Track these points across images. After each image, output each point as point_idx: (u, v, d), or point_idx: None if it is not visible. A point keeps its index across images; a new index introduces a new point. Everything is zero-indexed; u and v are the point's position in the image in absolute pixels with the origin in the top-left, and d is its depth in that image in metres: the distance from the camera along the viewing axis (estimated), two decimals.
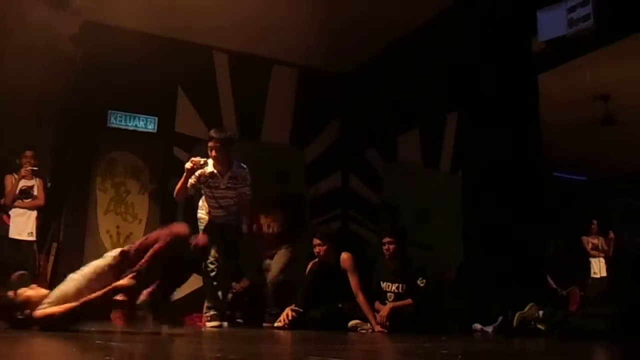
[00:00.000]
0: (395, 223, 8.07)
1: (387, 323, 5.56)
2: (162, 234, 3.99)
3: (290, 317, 5.80)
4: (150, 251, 3.90)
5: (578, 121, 8.80)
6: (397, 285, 5.88)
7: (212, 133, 5.84)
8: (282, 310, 5.97)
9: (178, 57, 8.13)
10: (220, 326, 5.61)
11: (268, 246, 6.85)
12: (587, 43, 6.04)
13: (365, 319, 5.71)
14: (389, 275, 5.94)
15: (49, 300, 3.77)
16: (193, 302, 7.29)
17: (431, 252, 7.63)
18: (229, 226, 5.96)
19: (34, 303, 3.79)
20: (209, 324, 5.66)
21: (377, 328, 5.57)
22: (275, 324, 5.89)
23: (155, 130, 8.24)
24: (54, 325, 3.66)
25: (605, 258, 8.95)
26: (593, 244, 9.01)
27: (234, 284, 6.82)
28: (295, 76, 9.06)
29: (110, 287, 3.80)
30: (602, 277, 8.94)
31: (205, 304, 5.84)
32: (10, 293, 3.90)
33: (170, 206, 8.08)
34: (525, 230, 6.24)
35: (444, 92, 7.68)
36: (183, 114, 8.36)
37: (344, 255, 5.93)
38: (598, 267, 8.95)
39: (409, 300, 5.73)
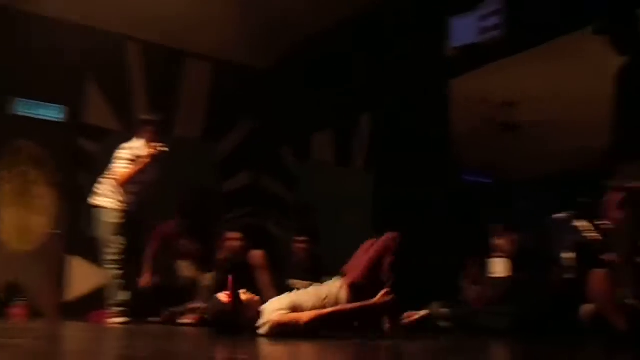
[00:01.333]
0: (307, 222, 8.11)
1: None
2: (377, 246, 4.26)
3: (199, 314, 5.73)
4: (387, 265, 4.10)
5: (486, 126, 9.08)
6: (307, 283, 5.90)
7: (151, 117, 5.86)
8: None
9: (90, 45, 7.87)
10: (126, 323, 5.48)
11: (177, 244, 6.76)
12: (497, 51, 6.25)
13: None
14: (299, 273, 5.97)
15: (281, 308, 3.85)
16: (97, 299, 7.13)
17: (342, 250, 7.70)
18: (138, 214, 5.85)
19: (250, 308, 3.88)
20: (114, 321, 5.52)
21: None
22: (182, 320, 5.82)
23: (62, 120, 7.96)
24: (296, 331, 3.74)
25: (509, 258, 9.23)
26: (498, 244, 9.23)
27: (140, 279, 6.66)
28: (210, 70, 8.95)
29: (369, 302, 3.93)
30: (506, 277, 9.23)
31: (110, 300, 5.69)
32: (223, 297, 3.88)
33: (77, 198, 7.84)
34: (434, 230, 6.41)
35: (358, 92, 7.77)
36: (92, 103, 8.10)
37: (256, 252, 5.91)
38: (500, 267, 9.23)
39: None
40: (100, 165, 7.58)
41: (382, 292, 3.95)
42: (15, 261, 7.51)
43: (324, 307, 3.94)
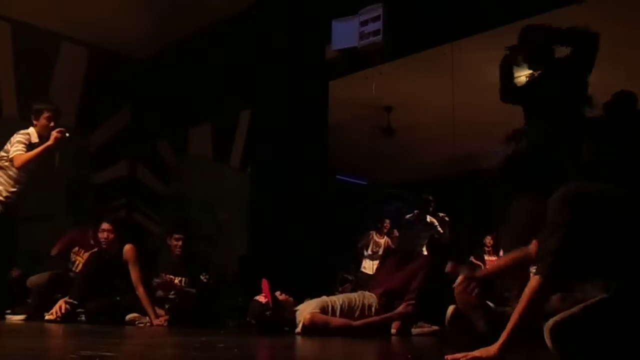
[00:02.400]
0: (182, 217, 8.02)
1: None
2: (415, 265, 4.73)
3: (63, 310, 5.51)
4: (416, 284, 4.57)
5: (363, 128, 9.31)
6: (179, 278, 5.85)
7: (50, 105, 5.67)
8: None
9: None
10: None
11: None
12: (376, 56, 6.43)
13: (145, 313, 5.59)
14: (172, 268, 5.90)
15: (313, 309, 4.40)
16: None
17: (215, 246, 7.67)
18: (16, 207, 5.58)
19: (286, 308, 4.45)
20: None
21: (156, 322, 5.49)
22: (47, 317, 5.58)
23: None
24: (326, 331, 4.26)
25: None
26: (377, 242, 9.40)
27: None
28: (86, 55, 8.62)
29: (390, 314, 4.56)
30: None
31: None
32: (261, 298, 4.45)
33: None
34: (305, 228, 6.54)
35: (239, 88, 7.76)
36: None
37: (127, 246, 5.75)
38: (370, 265, 9.45)
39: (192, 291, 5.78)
40: None
41: (405, 303, 4.52)
42: None
43: (353, 314, 4.48)
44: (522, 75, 4.33)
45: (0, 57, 7.90)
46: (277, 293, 4.44)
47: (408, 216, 8.62)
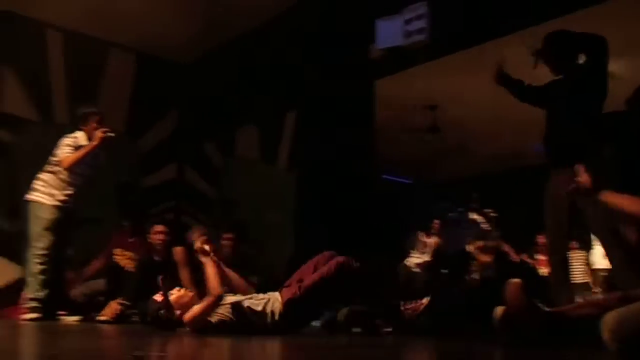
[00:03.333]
0: (233, 218, 8.08)
1: None
2: (327, 266, 4.21)
3: (117, 311, 5.63)
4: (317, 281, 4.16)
5: (408, 127, 9.26)
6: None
7: (96, 109, 5.89)
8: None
9: (7, 32, 7.59)
10: (39, 319, 5.32)
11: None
12: (420, 54, 6.40)
13: None
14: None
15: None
16: (11, 294, 6.91)
17: (263, 247, 7.72)
18: (73, 211, 5.73)
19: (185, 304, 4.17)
20: (27, 316, 5.36)
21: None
22: (99, 318, 5.71)
23: None
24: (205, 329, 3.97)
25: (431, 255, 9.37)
26: (425, 242, 9.32)
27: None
28: (134, 62, 8.79)
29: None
30: (425, 273, 9.37)
31: (27, 295, 5.52)
32: (158, 297, 4.35)
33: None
34: (352, 228, 6.52)
35: (284, 90, 7.80)
36: (10, 92, 7.81)
37: (177, 249, 5.84)
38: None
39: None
40: (19, 156, 7.39)
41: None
42: None
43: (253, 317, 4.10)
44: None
45: (53, 66, 8.09)
46: (175, 290, 4.30)
47: (453, 214, 8.54)
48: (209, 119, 8.84)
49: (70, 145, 5.69)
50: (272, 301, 4.17)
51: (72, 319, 5.69)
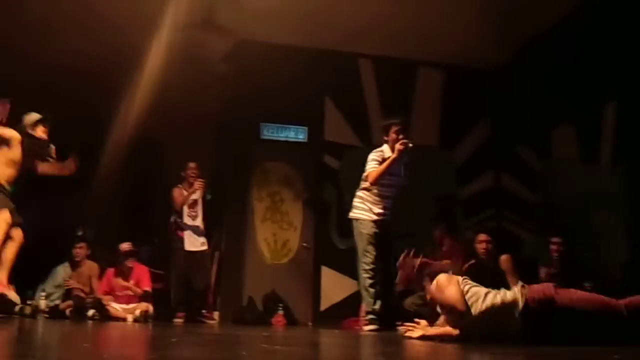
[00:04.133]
0: (558, 222, 7.69)
1: None
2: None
3: None
4: None
5: None
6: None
7: (392, 119, 6.00)
8: None
9: (324, 67, 8.29)
10: (377, 330, 5.61)
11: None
12: None
13: None
14: (552, 275, 5.72)
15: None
16: (348, 307, 7.43)
17: (594, 251, 7.23)
18: (391, 223, 5.96)
19: None
20: (366, 328, 5.68)
21: None
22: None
23: (305, 140, 8.47)
24: None
25: None
26: None
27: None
28: (441, 76, 8.94)
29: None
30: None
31: (364, 308, 5.86)
32: None
33: (324, 213, 8.29)
34: None
35: (599, 81, 7.27)
36: (331, 122, 8.51)
37: (504, 257, 5.76)
38: None
39: None
40: (343, 180, 7.98)
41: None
42: (272, 273, 8.12)
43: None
44: None
45: (367, 92, 8.61)
46: None
47: None
48: (521, 123, 8.61)
49: (376, 160, 5.84)
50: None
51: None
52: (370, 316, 5.72)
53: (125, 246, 7.61)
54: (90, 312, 7.20)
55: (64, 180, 7.42)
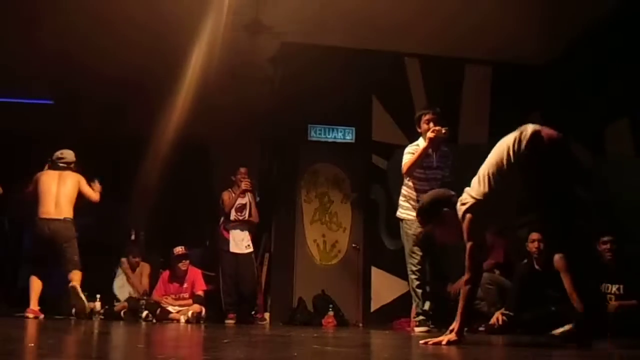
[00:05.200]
0: (608, 219, 7.53)
1: None
2: None
3: (500, 321, 5.66)
4: None
5: None
6: (617, 286, 5.52)
7: (428, 108, 5.95)
8: None
9: (370, 67, 8.30)
10: (428, 331, 5.57)
11: None
12: None
13: None
14: (607, 275, 5.60)
15: None
16: (398, 308, 7.40)
17: None
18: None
19: None
20: (417, 329, 5.64)
21: None
22: (481, 328, 5.79)
23: (353, 141, 8.47)
24: None
25: None
26: None
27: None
28: (489, 73, 8.82)
29: None
30: None
31: (415, 309, 5.82)
32: None
33: (372, 213, 8.26)
34: None
35: None
36: (379, 122, 8.49)
37: (557, 256, 5.63)
38: None
39: (633, 302, 5.36)
40: (391, 179, 7.94)
41: None
42: (322, 274, 8.14)
43: None
44: None
45: (414, 91, 8.55)
46: None
47: None
48: (573, 118, 8.42)
49: (410, 152, 5.79)
50: None
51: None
52: (421, 317, 5.68)
53: (178, 250, 7.73)
54: (144, 314, 7.33)
55: (117, 187, 7.69)
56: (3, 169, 8.27)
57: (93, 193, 7.05)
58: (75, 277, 6.64)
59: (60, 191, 6.85)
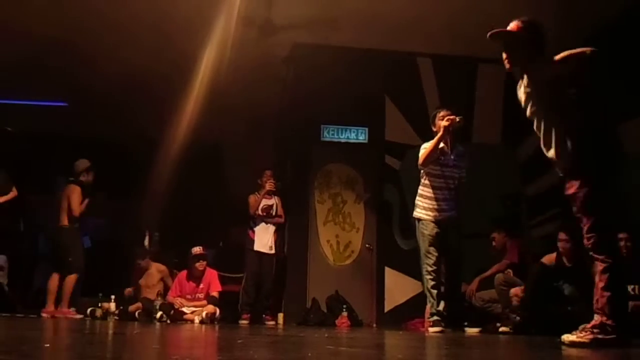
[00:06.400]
0: (629, 218, 7.45)
1: None
2: None
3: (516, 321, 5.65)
4: None
5: None
6: (632, 286, 5.48)
7: (442, 108, 5.95)
8: None
9: (383, 67, 8.28)
10: (442, 332, 5.55)
11: None
12: None
13: None
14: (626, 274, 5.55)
15: None
16: (412, 308, 7.38)
17: None
18: (453, 220, 5.87)
19: None
20: (431, 330, 5.63)
21: None
22: (501, 329, 5.76)
23: (366, 141, 8.46)
24: None
25: None
26: None
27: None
28: (503, 73, 8.74)
29: None
30: None
31: (429, 309, 5.81)
32: None
33: (385, 214, 8.25)
34: None
35: None
36: (392, 122, 8.46)
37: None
38: None
39: None
40: (404, 180, 7.92)
41: None
42: (336, 275, 8.13)
43: None
44: None
45: (427, 91, 8.52)
46: None
47: None
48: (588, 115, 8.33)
49: (424, 147, 5.83)
50: None
51: (473, 331, 5.83)
52: (435, 317, 5.67)
53: (197, 249, 7.77)
54: (158, 314, 7.35)
55: (131, 188, 7.75)
56: (18, 171, 8.34)
57: (75, 205, 7.36)
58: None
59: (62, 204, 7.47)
